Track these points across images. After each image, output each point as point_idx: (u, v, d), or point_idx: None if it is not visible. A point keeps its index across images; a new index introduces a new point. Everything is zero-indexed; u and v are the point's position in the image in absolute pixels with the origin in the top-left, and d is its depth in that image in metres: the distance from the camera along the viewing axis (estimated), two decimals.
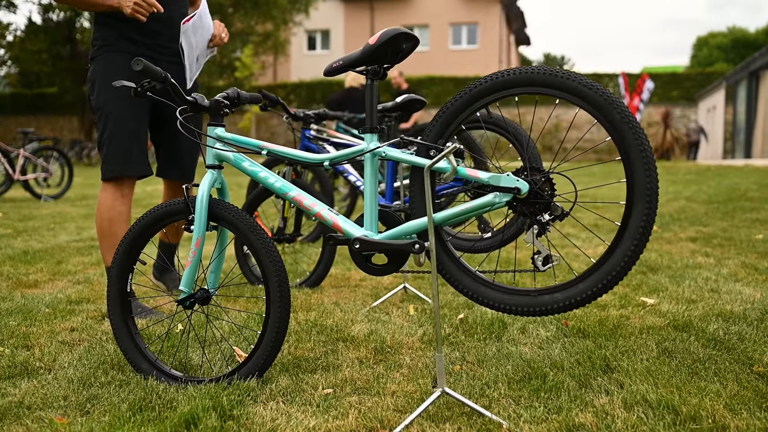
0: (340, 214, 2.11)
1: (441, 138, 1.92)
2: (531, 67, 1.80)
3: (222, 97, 2.24)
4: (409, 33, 1.94)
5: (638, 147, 1.71)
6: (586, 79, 1.76)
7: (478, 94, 1.87)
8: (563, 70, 1.78)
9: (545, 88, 1.79)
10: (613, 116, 1.73)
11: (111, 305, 2.29)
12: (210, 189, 2.16)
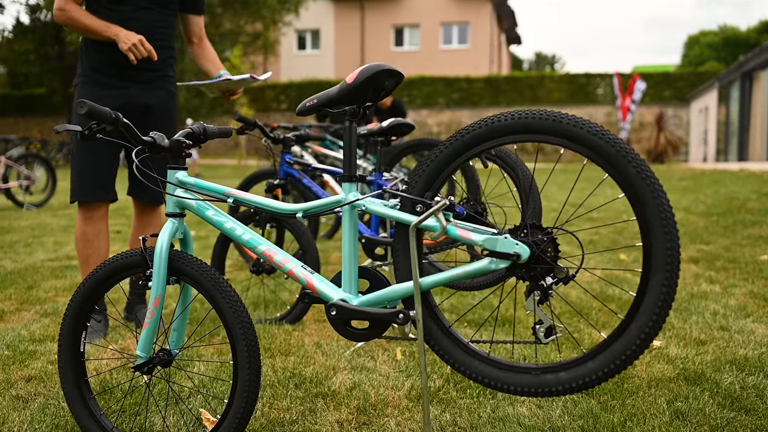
0: (315, 273, 1.87)
1: (429, 190, 1.69)
2: (532, 112, 1.57)
3: (185, 135, 2.00)
4: (392, 70, 1.70)
5: (657, 207, 1.48)
6: (595, 126, 1.53)
7: (471, 142, 1.63)
8: (569, 116, 1.54)
9: (548, 136, 1.56)
10: (628, 170, 1.50)
11: (62, 368, 2.05)
12: (170, 240, 1.92)
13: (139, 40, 3.00)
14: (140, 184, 3.36)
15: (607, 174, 1.54)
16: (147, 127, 3.27)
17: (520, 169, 2.85)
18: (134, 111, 3.23)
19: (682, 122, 31.50)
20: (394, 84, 1.75)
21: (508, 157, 2.87)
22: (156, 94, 3.29)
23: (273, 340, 3.07)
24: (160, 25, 3.27)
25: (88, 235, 3.23)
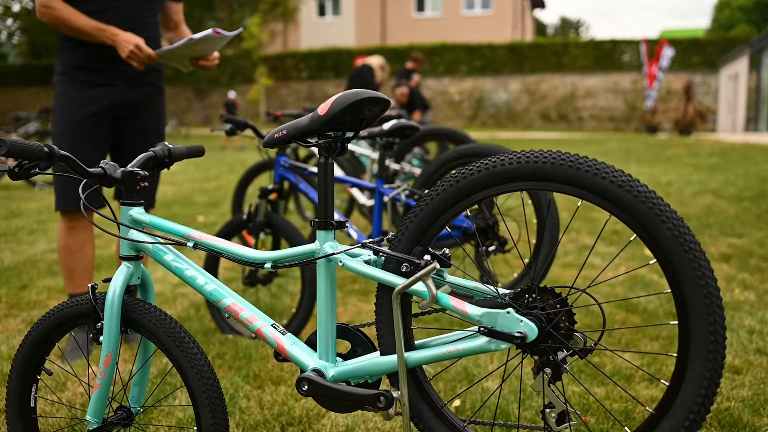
0: (288, 333, 1.60)
1: (418, 244, 1.40)
2: (543, 154, 1.28)
3: (144, 162, 1.73)
4: (374, 97, 1.41)
5: (698, 281, 1.19)
6: (621, 175, 1.24)
7: (468, 189, 1.34)
8: (588, 161, 1.25)
9: (562, 185, 1.27)
10: (662, 233, 1.21)
11: (11, 426, 1.82)
12: (123, 287, 1.66)
13: (136, 44, 2.75)
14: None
15: (635, 234, 1.24)
16: (133, 127, 3.06)
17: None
18: (121, 110, 3.01)
19: (711, 89, 30.65)
20: (378, 111, 1.46)
21: None
22: (144, 91, 3.06)
23: (264, 364, 2.82)
24: (144, 14, 3.02)
25: (71, 247, 3.02)
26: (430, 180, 2.74)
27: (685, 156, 12.48)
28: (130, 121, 3.04)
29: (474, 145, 2.64)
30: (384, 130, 2.78)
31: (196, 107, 36.03)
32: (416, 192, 2.74)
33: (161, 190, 9.07)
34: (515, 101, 32.87)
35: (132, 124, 3.05)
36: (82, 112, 2.91)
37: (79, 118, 2.91)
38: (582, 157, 1.26)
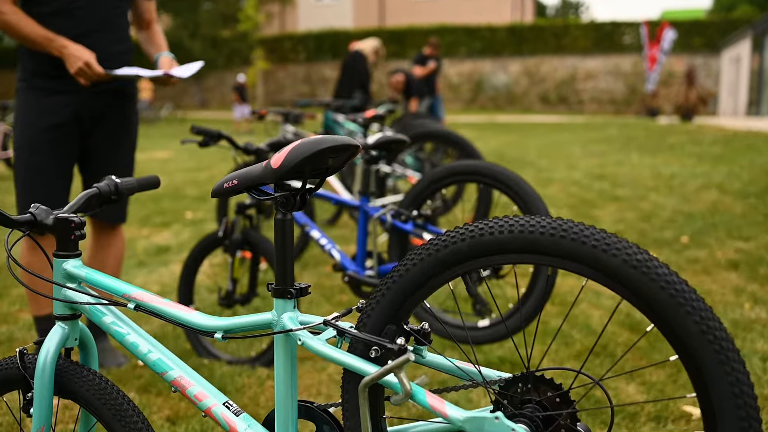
0: (243, 414, 1.38)
1: (391, 322, 1.17)
2: (540, 222, 1.05)
3: (80, 205, 1.50)
4: (338, 145, 1.19)
5: (730, 388, 0.96)
6: (636, 253, 1.01)
7: (449, 259, 1.11)
8: (597, 233, 1.02)
9: (564, 260, 1.04)
10: (686, 326, 0.98)
11: None
12: (57, 351, 1.45)
13: (86, 62, 2.50)
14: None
15: (653, 324, 1.02)
16: (100, 138, 2.81)
17: (532, 203, 2.32)
18: (85, 120, 2.75)
19: (712, 72, 30.30)
20: (347, 157, 1.23)
21: (521, 188, 2.34)
22: (109, 99, 2.79)
23: (239, 397, 2.61)
24: (113, 13, 2.75)
25: (35, 266, 2.70)
26: (418, 199, 2.52)
27: (687, 144, 12.23)
28: (96, 132, 2.80)
29: (466, 164, 2.41)
30: (368, 143, 2.55)
31: (193, 90, 35.67)
32: (403, 212, 2.52)
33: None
34: (515, 84, 32.53)
35: (99, 136, 2.81)
36: (42, 123, 2.66)
37: (38, 129, 2.66)
38: (589, 228, 1.03)
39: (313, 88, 34.35)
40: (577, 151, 11.78)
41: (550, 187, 7.78)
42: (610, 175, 8.56)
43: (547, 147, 12.94)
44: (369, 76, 9.04)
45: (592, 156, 10.90)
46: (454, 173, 2.41)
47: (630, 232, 5.28)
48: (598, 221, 5.76)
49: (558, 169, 9.30)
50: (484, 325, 2.44)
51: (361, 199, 2.65)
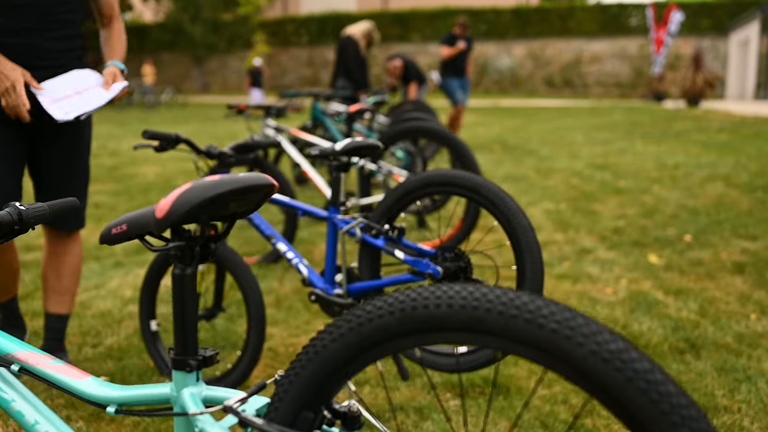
0: None
1: (308, 408, 0.94)
2: (488, 294, 0.82)
3: None
4: (243, 186, 0.96)
5: None
6: (609, 339, 0.78)
7: (375, 336, 0.88)
8: (557, 309, 0.79)
9: (514, 344, 0.81)
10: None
11: None
12: None
13: (13, 83, 2.25)
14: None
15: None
16: (43, 151, 2.57)
17: (514, 218, 2.08)
18: (28, 131, 2.51)
19: (720, 55, 29.83)
20: (260, 197, 1.00)
21: (502, 202, 2.10)
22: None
23: None
24: (56, 9, 2.46)
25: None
26: (390, 212, 2.28)
27: (693, 131, 11.93)
28: (40, 150, 2.56)
29: (443, 174, 2.17)
30: (335, 150, 2.31)
31: (194, 74, 35.38)
32: (374, 226, 2.29)
33: (142, 171, 8.62)
34: (519, 67, 32.14)
35: (48, 142, 2.57)
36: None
37: None
38: (550, 305, 0.80)
39: (315, 72, 34.03)
40: (580, 139, 11.50)
41: (550, 178, 7.53)
42: (612, 164, 8.30)
43: (550, 133, 12.66)
44: (362, 62, 8.76)
45: (595, 144, 10.63)
46: (429, 184, 2.17)
47: (631, 230, 5.03)
48: (599, 216, 5.52)
49: (560, 158, 9.04)
50: (464, 350, 2.21)
51: (330, 210, 2.41)
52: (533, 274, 2.06)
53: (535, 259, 2.06)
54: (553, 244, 4.74)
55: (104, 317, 3.54)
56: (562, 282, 3.93)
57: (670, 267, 4.13)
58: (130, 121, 18.19)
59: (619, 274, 4.04)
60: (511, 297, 0.81)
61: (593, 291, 3.77)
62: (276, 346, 3.11)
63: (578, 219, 5.47)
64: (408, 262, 2.21)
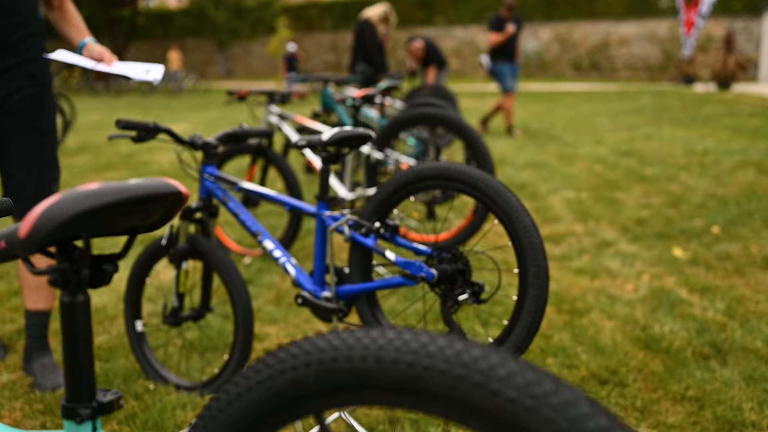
0: None
1: None
2: (412, 340, 0.62)
3: None
4: (132, 197, 0.76)
5: None
6: (568, 401, 0.57)
7: (278, 397, 0.68)
8: (499, 360, 0.59)
9: (440, 405, 0.61)
10: None
11: None
12: None
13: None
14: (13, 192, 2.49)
15: None
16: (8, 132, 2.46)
17: (516, 216, 1.87)
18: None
19: (753, 36, 28.99)
20: (165, 208, 0.81)
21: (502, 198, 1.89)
22: (17, 84, 2.43)
23: None
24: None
25: None
26: (382, 208, 2.08)
27: (724, 116, 11.51)
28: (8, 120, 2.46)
29: (438, 166, 1.96)
30: (322, 140, 2.11)
31: (218, 59, 35.32)
32: (363, 224, 2.09)
33: (157, 159, 8.49)
34: (546, 50, 31.57)
35: (11, 124, 2.47)
36: None
37: None
38: (494, 356, 0.59)
39: (339, 57, 33.78)
40: (606, 124, 11.16)
41: (573, 165, 7.26)
42: (638, 151, 7.99)
43: (575, 119, 12.33)
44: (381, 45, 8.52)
45: (621, 129, 10.29)
46: (422, 178, 1.97)
47: (655, 221, 4.77)
48: (622, 206, 5.26)
49: (583, 144, 8.75)
50: None
51: (318, 205, 2.21)
52: (537, 278, 1.85)
53: (539, 261, 1.85)
54: (572, 236, 4.50)
55: (97, 314, 3.39)
56: (580, 277, 3.70)
57: (695, 261, 3.88)
58: (153, 107, 18.13)
59: (640, 269, 3.80)
60: (458, 350, 0.61)
61: (612, 287, 3.54)
62: (270, 347, 2.94)
63: (600, 208, 5.22)
64: (399, 264, 2.01)
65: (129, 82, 26.92)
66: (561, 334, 2.98)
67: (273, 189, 5.98)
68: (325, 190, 2.20)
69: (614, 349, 2.79)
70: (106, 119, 14.80)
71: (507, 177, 6.69)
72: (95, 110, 17.45)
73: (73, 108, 11.99)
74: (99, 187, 0.77)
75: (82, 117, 14.82)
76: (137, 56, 37.15)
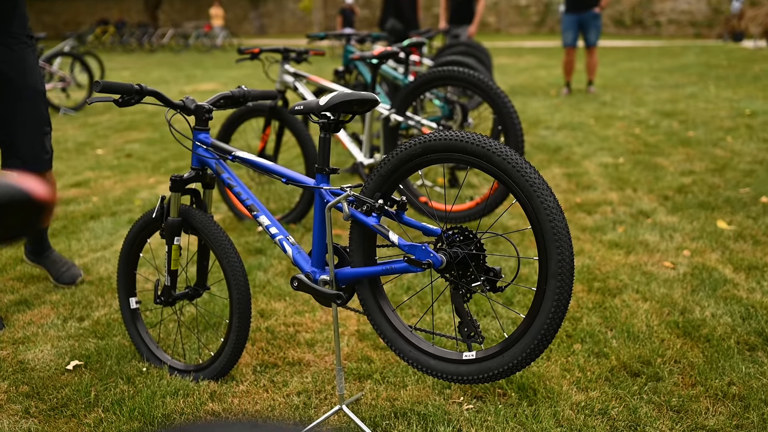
0: None
1: None
2: None
3: None
4: None
5: None
6: None
7: None
8: None
9: None
10: None
11: None
12: None
13: None
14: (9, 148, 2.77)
15: None
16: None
17: (537, 196, 1.62)
18: None
19: None
20: (21, 219, 0.58)
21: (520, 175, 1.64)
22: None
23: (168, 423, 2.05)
24: None
25: None
26: (385, 183, 1.83)
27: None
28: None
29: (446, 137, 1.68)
30: (320, 105, 1.86)
31: (251, 16, 34.96)
32: (365, 200, 1.85)
33: (181, 118, 8.32)
34: None
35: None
36: None
37: None
38: None
39: (373, 11, 33.16)
40: (648, 82, 10.67)
41: (611, 126, 6.90)
42: (681, 112, 7.57)
43: (615, 77, 11.84)
44: (413, 1, 8.19)
45: (664, 88, 9.81)
46: (430, 150, 1.71)
47: (697, 189, 4.44)
48: (662, 173, 4.92)
49: (623, 105, 8.33)
50: (469, 357, 1.78)
51: (317, 178, 1.98)
52: (561, 268, 1.60)
53: (562, 249, 1.60)
54: (607, 205, 4.21)
55: (101, 285, 3.23)
56: (613, 252, 3.43)
57: (741, 236, 3.57)
58: (184, 65, 17.97)
59: (680, 243, 3.51)
60: None
61: (649, 264, 3.26)
62: (275, 326, 2.74)
63: (638, 175, 4.90)
64: (403, 248, 1.77)
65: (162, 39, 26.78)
66: (590, 316, 2.73)
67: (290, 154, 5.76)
68: (325, 161, 1.96)
69: (649, 336, 2.53)
70: (137, 76, 14.68)
71: (540, 139, 6.37)
72: (127, 68, 17.35)
73: (102, 67, 11.86)
74: None
75: (114, 74, 14.72)
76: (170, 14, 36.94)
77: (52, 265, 3.25)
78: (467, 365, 1.79)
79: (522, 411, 2.09)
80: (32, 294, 3.15)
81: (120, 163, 6.03)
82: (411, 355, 1.88)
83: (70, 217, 4.34)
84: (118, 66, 17.70)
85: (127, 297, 2.54)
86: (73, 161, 6.14)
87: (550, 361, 2.38)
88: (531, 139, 6.36)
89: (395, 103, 3.72)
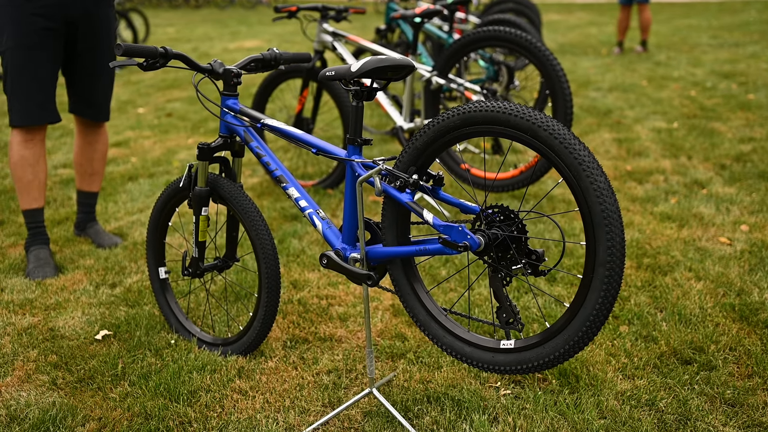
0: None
1: None
2: None
3: None
4: None
5: None
6: None
7: None
8: None
9: None
10: None
11: None
12: None
13: None
14: (85, 100, 3.09)
15: None
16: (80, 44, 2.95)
17: (586, 176, 1.48)
18: (70, 26, 2.90)
19: None
20: None
21: (568, 152, 1.50)
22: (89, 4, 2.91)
23: (184, 407, 1.99)
24: None
25: (29, 160, 2.97)
26: (420, 157, 1.69)
27: None
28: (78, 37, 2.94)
29: (487, 107, 1.53)
30: (351, 71, 1.73)
31: None
32: (399, 175, 1.72)
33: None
34: None
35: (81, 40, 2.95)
36: (38, 24, 2.79)
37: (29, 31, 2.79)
38: None
39: None
40: (705, 41, 10.20)
41: (665, 88, 6.59)
42: (741, 73, 7.20)
43: (671, 35, 11.35)
44: None
45: (723, 47, 9.37)
46: (471, 122, 1.57)
47: (757, 158, 4.20)
48: (719, 139, 4.67)
49: (678, 65, 7.97)
50: (507, 346, 1.66)
51: (348, 150, 1.85)
52: (611, 256, 1.46)
53: (612, 235, 1.46)
54: (659, 174, 4.01)
55: (135, 250, 3.19)
56: (665, 225, 3.25)
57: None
58: (229, 22, 17.86)
59: (738, 217, 3.31)
60: None
61: (703, 239, 3.08)
62: (307, 299, 2.66)
63: (693, 141, 4.66)
64: (438, 228, 1.64)
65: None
66: (639, 295, 2.58)
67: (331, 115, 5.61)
68: (357, 132, 1.84)
69: (702, 320, 2.37)
70: (182, 33, 14.63)
71: (590, 102, 6.12)
72: (172, 24, 17.31)
73: (147, 23, 11.80)
74: None
75: (159, 31, 14.70)
76: None
77: (95, 235, 3.32)
78: (504, 354, 1.67)
79: (563, 399, 1.97)
80: (66, 258, 3.13)
81: (160, 123, 5.99)
82: (445, 340, 1.77)
83: (108, 178, 4.31)
84: (164, 22, 17.67)
85: (156, 267, 2.47)
86: (114, 120, 6.11)
87: (594, 344, 2.25)
88: (580, 101, 6.11)
89: (438, 65, 3.56)
